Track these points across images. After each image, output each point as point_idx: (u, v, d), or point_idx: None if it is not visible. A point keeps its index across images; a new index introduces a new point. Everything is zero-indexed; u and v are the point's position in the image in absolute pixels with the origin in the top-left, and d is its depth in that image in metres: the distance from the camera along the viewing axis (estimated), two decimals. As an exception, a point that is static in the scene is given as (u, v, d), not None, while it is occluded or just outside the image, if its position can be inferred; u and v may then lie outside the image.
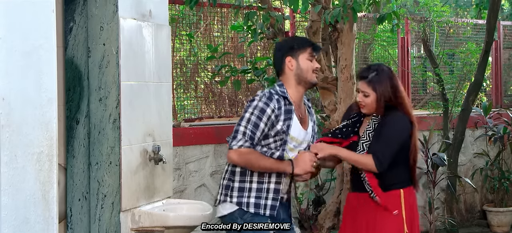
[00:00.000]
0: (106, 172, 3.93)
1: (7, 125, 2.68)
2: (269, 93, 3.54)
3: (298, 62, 3.59)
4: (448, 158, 7.06)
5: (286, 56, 3.60)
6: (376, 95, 3.76)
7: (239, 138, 3.46)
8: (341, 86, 5.28)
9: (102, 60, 3.94)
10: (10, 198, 2.69)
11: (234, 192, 3.55)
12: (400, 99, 3.79)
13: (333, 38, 5.38)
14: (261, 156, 3.50)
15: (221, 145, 6.18)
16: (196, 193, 6.02)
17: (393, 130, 3.74)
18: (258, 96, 3.53)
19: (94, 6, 3.96)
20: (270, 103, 3.49)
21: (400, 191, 3.79)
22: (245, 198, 3.54)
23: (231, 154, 3.48)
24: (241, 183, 3.56)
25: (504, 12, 12.83)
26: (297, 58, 3.60)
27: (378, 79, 3.78)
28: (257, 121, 3.47)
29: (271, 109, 3.48)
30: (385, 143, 3.72)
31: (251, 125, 3.46)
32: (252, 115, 3.47)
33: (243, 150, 3.46)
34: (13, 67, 2.72)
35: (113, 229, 3.91)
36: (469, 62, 8.39)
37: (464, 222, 7.97)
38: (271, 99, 3.50)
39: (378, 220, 3.78)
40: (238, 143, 3.46)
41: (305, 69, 3.59)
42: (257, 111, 3.47)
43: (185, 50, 7.19)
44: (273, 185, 3.56)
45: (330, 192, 6.28)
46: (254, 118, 3.47)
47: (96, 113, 3.96)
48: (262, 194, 3.54)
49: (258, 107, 3.48)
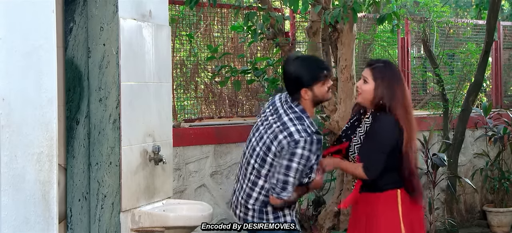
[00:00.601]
0: (106, 172, 3.93)
1: (7, 125, 2.69)
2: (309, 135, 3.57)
3: (313, 92, 3.68)
4: (448, 158, 7.06)
5: (301, 89, 3.68)
6: (375, 84, 3.74)
7: (289, 190, 3.61)
8: (341, 86, 5.28)
9: (102, 61, 3.94)
10: (10, 198, 2.69)
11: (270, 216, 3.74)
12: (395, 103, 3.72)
13: (333, 39, 5.38)
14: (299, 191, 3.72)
15: (221, 146, 6.18)
16: (196, 194, 6.03)
17: (380, 136, 3.72)
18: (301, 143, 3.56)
19: (94, 7, 3.96)
20: (313, 147, 3.59)
21: (397, 191, 3.79)
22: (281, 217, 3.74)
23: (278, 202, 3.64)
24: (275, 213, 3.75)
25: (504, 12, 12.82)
26: (313, 88, 3.67)
27: (383, 71, 3.77)
28: (303, 169, 3.61)
29: (313, 152, 3.61)
30: (373, 149, 3.73)
31: (299, 174, 3.61)
32: (300, 165, 3.58)
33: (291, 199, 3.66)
34: (13, 67, 2.72)
35: (113, 229, 3.91)
36: (469, 63, 8.39)
37: (464, 223, 7.97)
38: (312, 144, 3.59)
39: (375, 220, 3.79)
40: (288, 195, 3.62)
41: (321, 95, 3.71)
42: (303, 160, 3.59)
43: (185, 51, 7.19)
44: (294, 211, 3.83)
45: (330, 192, 6.28)
46: (301, 167, 3.59)
47: (96, 113, 3.96)
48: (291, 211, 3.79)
49: (305, 157, 3.58)
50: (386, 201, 3.78)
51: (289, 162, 3.55)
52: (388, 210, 3.78)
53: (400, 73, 3.88)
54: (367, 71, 3.79)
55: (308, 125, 3.61)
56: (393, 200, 3.78)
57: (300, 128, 3.58)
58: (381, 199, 3.79)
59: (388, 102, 3.71)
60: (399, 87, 3.75)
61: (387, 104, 3.71)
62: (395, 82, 3.75)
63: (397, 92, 3.73)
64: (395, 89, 3.73)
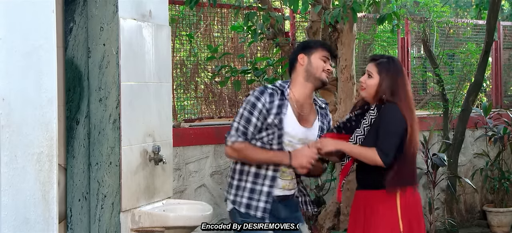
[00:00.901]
0: (106, 172, 3.93)
1: (7, 125, 2.69)
2: (264, 87, 3.62)
3: (310, 60, 3.65)
4: (448, 158, 7.05)
5: (299, 53, 3.68)
6: (379, 79, 3.75)
7: (232, 133, 3.58)
8: (341, 86, 5.28)
9: (102, 61, 3.94)
10: (10, 198, 2.69)
11: (232, 190, 3.68)
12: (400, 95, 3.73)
13: (333, 39, 5.38)
14: (256, 149, 3.58)
15: (221, 146, 6.18)
16: (196, 194, 6.03)
17: (391, 122, 3.69)
18: (252, 92, 3.61)
19: (94, 7, 3.96)
20: (262, 97, 3.56)
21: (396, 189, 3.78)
22: (239, 197, 3.64)
23: (226, 149, 3.62)
24: (239, 182, 3.66)
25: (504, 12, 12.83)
26: (310, 56, 3.66)
27: (387, 66, 3.77)
28: (249, 116, 3.55)
29: (262, 103, 3.55)
30: (385, 135, 3.69)
31: (243, 120, 3.56)
32: (245, 110, 3.56)
33: (237, 146, 3.56)
34: (13, 67, 2.72)
35: (113, 229, 3.91)
36: (469, 63, 8.39)
37: (464, 223, 7.97)
38: (262, 93, 3.57)
39: (373, 218, 3.78)
40: (231, 139, 3.57)
41: (315, 66, 3.65)
42: (249, 105, 3.56)
43: (185, 51, 7.19)
44: (266, 188, 3.62)
45: (330, 192, 6.28)
46: (246, 113, 3.55)
47: (96, 113, 3.96)
48: (255, 196, 3.62)
49: (250, 102, 3.56)
50: (385, 199, 3.77)
51: (238, 109, 3.61)
52: (386, 209, 3.77)
53: (403, 68, 3.89)
54: (372, 65, 3.79)
55: (276, 85, 3.63)
56: (392, 198, 3.78)
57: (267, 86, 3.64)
58: (379, 197, 3.78)
59: (390, 95, 3.72)
60: (402, 81, 3.77)
61: (390, 97, 3.72)
62: (399, 77, 3.77)
63: (400, 86, 3.75)
64: (398, 83, 3.75)
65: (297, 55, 3.68)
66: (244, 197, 3.62)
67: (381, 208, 3.78)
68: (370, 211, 3.80)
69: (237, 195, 3.64)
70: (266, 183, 3.61)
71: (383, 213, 3.78)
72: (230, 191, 3.68)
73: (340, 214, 5.52)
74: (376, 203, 3.79)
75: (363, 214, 3.85)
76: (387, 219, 3.77)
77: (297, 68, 3.67)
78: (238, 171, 3.66)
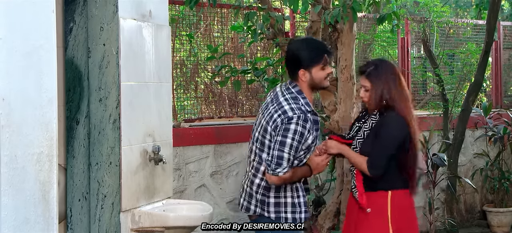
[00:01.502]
0: (106, 172, 3.93)
1: (7, 125, 2.68)
2: (303, 113, 3.61)
3: (311, 75, 3.69)
4: (448, 158, 7.06)
5: (299, 69, 3.69)
6: (373, 88, 3.79)
7: (284, 165, 3.59)
8: (341, 86, 5.28)
9: (102, 61, 3.94)
10: (10, 198, 2.69)
11: (271, 208, 3.72)
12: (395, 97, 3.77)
13: (333, 39, 5.38)
14: (295, 171, 3.68)
15: (221, 146, 6.18)
16: (196, 194, 6.02)
17: (388, 133, 3.74)
18: (294, 119, 3.58)
19: (94, 7, 3.96)
20: (307, 125, 3.61)
21: (388, 193, 3.79)
22: (283, 213, 3.71)
23: (275, 179, 3.61)
24: (277, 199, 3.72)
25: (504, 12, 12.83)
26: (311, 70, 3.69)
27: (376, 73, 3.81)
28: (298, 145, 3.60)
29: (308, 130, 3.61)
30: (379, 147, 3.74)
31: (293, 150, 3.59)
32: (294, 141, 3.58)
33: (287, 176, 3.62)
34: (13, 67, 2.72)
35: (113, 229, 3.91)
36: (469, 63, 8.40)
37: (464, 223, 7.97)
38: (307, 121, 3.61)
39: (362, 220, 3.80)
40: (284, 170, 3.59)
41: (318, 80, 3.71)
42: (297, 136, 3.58)
43: (185, 51, 7.19)
44: (302, 199, 3.76)
45: (330, 192, 6.28)
46: (296, 143, 3.59)
47: (96, 113, 3.96)
48: (297, 208, 3.73)
49: (298, 133, 3.58)
50: (376, 202, 3.79)
51: (283, 138, 3.57)
52: (377, 213, 3.79)
53: (394, 67, 3.93)
54: (363, 79, 3.87)
55: (303, 104, 3.65)
56: (384, 202, 3.79)
57: (294, 106, 3.63)
58: (371, 199, 3.80)
59: (388, 97, 3.76)
60: (395, 80, 3.81)
61: (388, 100, 3.76)
62: (390, 78, 3.81)
63: (392, 88, 3.79)
64: (390, 85, 3.79)
65: (298, 71, 3.69)
66: (288, 212, 3.71)
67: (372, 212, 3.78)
68: (362, 213, 3.82)
69: (280, 211, 3.71)
70: (301, 194, 3.75)
71: (374, 218, 3.78)
72: (267, 208, 3.72)
73: (340, 214, 5.52)
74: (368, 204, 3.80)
75: (354, 215, 3.86)
76: (376, 221, 3.78)
77: (299, 81, 3.71)
78: (274, 189, 3.70)
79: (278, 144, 3.57)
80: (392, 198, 3.78)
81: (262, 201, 3.72)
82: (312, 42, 3.85)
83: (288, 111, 3.60)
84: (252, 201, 3.75)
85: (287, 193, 3.71)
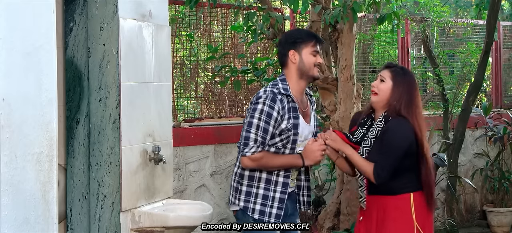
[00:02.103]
0: (106, 172, 3.93)
1: (7, 125, 2.69)
2: (272, 93, 3.57)
3: (301, 56, 3.64)
4: (448, 158, 7.06)
5: (290, 49, 3.65)
6: (392, 85, 3.70)
7: (251, 145, 3.53)
8: (341, 86, 5.28)
9: (102, 61, 3.94)
10: (10, 198, 2.69)
11: (241, 196, 3.65)
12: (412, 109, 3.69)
13: (333, 39, 5.38)
14: (273, 156, 3.59)
15: (221, 146, 6.18)
16: (196, 194, 6.02)
17: (394, 139, 3.65)
18: (262, 98, 3.55)
19: (94, 7, 3.96)
20: (275, 105, 3.54)
21: (410, 195, 3.73)
22: (251, 203, 3.63)
23: (245, 161, 3.56)
24: (249, 188, 3.65)
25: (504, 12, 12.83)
26: (301, 52, 3.64)
27: (402, 74, 3.75)
28: (266, 126, 3.53)
29: (277, 111, 3.54)
30: (385, 154, 3.65)
31: (261, 131, 3.53)
32: (261, 121, 3.52)
33: (257, 156, 3.54)
34: (14, 67, 2.72)
35: (113, 229, 3.91)
36: (469, 63, 8.39)
37: (464, 223, 7.97)
38: (275, 101, 3.54)
39: (386, 224, 3.73)
40: (251, 150, 3.53)
41: (307, 64, 3.64)
42: (264, 116, 3.53)
43: (185, 51, 7.19)
44: (279, 194, 3.64)
45: (330, 192, 6.28)
46: (263, 123, 3.53)
47: (96, 113, 3.96)
48: (268, 202, 3.63)
49: (265, 112, 3.53)
50: (399, 205, 3.72)
51: (251, 118, 3.55)
52: (401, 215, 3.72)
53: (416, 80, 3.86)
54: (386, 71, 3.76)
55: (278, 88, 3.60)
56: (406, 204, 3.72)
57: (268, 89, 3.61)
58: (392, 203, 3.73)
59: (405, 107, 3.68)
60: (416, 94, 3.74)
61: (404, 108, 3.68)
62: (414, 89, 3.74)
63: (415, 99, 3.72)
64: (413, 95, 3.72)
65: (288, 51, 3.65)
66: (257, 203, 3.63)
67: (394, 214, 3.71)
68: (383, 218, 3.74)
69: (249, 201, 3.63)
70: (278, 189, 3.64)
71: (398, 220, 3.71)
72: (238, 196, 3.65)
73: (340, 214, 5.52)
74: (389, 210, 3.73)
75: (374, 221, 3.80)
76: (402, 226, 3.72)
77: (289, 66, 3.66)
78: (247, 177, 3.64)
79: (246, 125, 3.56)
80: (415, 200, 3.74)
81: (236, 189, 3.67)
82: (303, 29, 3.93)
83: (259, 92, 3.60)
84: (231, 192, 3.71)
85: (261, 184, 3.63)
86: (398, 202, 3.73)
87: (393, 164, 3.66)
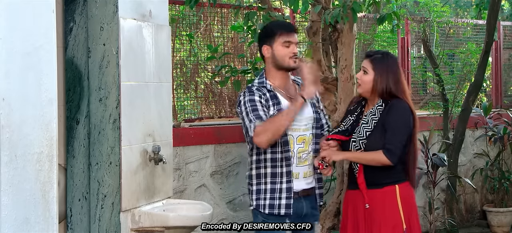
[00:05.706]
0: (106, 172, 3.93)
1: (7, 125, 2.69)
2: (248, 89, 3.73)
3: (273, 51, 3.74)
4: (448, 158, 7.06)
5: (263, 45, 3.78)
6: (374, 75, 3.77)
7: (251, 127, 3.60)
8: (341, 86, 5.28)
9: (102, 60, 3.94)
10: (10, 198, 2.69)
11: (253, 195, 3.77)
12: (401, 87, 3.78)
13: (333, 39, 5.38)
14: (275, 117, 3.62)
15: (221, 145, 6.18)
16: (196, 193, 6.02)
17: (399, 118, 3.73)
18: (241, 96, 3.71)
19: (94, 6, 3.96)
20: (254, 94, 3.67)
21: (396, 187, 3.78)
22: (262, 200, 3.72)
23: (255, 140, 3.60)
24: (258, 186, 3.75)
25: (504, 12, 12.83)
26: (272, 45, 3.74)
27: (381, 61, 3.81)
28: (253, 107, 3.63)
29: (258, 96, 3.66)
30: (393, 133, 3.71)
31: (251, 114, 3.62)
32: (247, 108, 3.64)
33: (260, 127, 3.58)
34: (14, 67, 2.72)
35: (113, 229, 3.91)
36: (469, 63, 8.39)
37: (464, 223, 7.96)
38: (253, 92, 3.69)
39: (375, 216, 3.78)
40: (252, 128, 3.59)
41: (279, 57, 3.73)
42: (248, 103, 3.65)
43: (185, 51, 7.19)
44: (285, 184, 3.71)
45: (330, 192, 6.27)
46: (249, 108, 3.63)
47: (96, 113, 3.96)
48: (276, 194, 3.70)
49: (247, 101, 3.65)
50: (385, 197, 3.78)
51: (241, 114, 3.68)
52: (388, 206, 3.77)
53: (398, 62, 3.94)
54: (367, 62, 3.84)
55: (254, 83, 3.75)
56: (392, 196, 3.78)
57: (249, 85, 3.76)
58: (379, 195, 3.78)
59: (394, 88, 3.76)
60: (400, 74, 3.82)
61: (394, 90, 3.76)
62: (397, 69, 3.82)
63: (400, 78, 3.80)
64: (398, 76, 3.80)
65: (262, 47, 3.79)
66: (267, 199, 3.71)
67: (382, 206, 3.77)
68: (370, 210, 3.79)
69: (259, 198, 3.72)
70: (284, 180, 3.70)
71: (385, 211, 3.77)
72: (251, 196, 3.77)
73: (340, 214, 5.52)
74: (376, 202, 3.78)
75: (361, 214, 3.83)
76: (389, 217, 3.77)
77: (266, 60, 3.80)
78: (255, 176, 3.74)
79: (242, 123, 3.68)
80: (400, 192, 3.78)
81: (249, 190, 3.80)
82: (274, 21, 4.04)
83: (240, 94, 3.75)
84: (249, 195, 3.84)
85: (267, 179, 3.72)
86: (384, 195, 3.78)
87: (402, 140, 3.72)
